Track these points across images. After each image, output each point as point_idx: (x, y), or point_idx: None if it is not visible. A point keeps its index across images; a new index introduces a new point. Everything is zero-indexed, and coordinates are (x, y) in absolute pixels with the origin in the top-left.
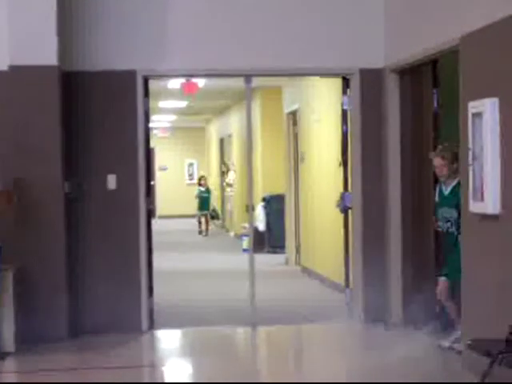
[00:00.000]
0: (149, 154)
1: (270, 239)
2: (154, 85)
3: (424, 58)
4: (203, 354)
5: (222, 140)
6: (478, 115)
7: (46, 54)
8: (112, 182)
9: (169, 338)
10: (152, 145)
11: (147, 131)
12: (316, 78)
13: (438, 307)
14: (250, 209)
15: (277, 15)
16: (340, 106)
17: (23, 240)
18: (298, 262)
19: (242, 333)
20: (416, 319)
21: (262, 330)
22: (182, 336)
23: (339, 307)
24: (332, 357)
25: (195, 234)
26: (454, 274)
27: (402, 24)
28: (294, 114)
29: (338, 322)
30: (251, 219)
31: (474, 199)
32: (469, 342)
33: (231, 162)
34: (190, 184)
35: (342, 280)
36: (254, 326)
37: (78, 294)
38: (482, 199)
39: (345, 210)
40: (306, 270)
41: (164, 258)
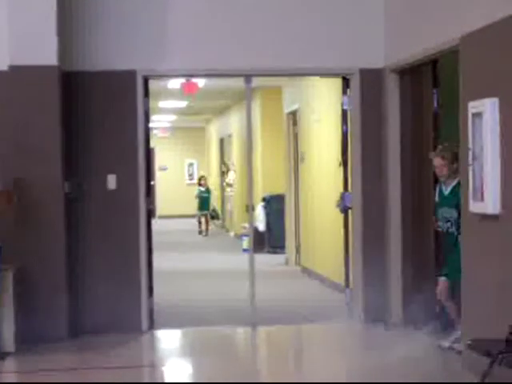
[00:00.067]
0: (149, 154)
1: (270, 239)
2: (154, 85)
3: (424, 58)
4: (203, 354)
5: (222, 140)
6: (478, 115)
7: (46, 54)
8: (112, 182)
9: (169, 338)
10: (152, 145)
11: (147, 131)
12: (316, 78)
13: (438, 307)
14: (250, 209)
15: (277, 15)
16: (340, 106)
17: (23, 240)
18: (297, 262)
19: (241, 333)
20: (416, 319)
21: (262, 330)
22: (181, 336)
23: (339, 307)
24: (332, 357)
25: (195, 233)
26: (454, 274)
27: (402, 24)
28: (294, 114)
29: (338, 322)
30: (251, 219)
31: (474, 199)
32: (469, 342)
33: (231, 162)
34: (190, 184)
35: (342, 280)
36: (253, 326)
37: (78, 293)
38: (482, 199)
39: (345, 210)
40: (305, 270)
41: (164, 258)
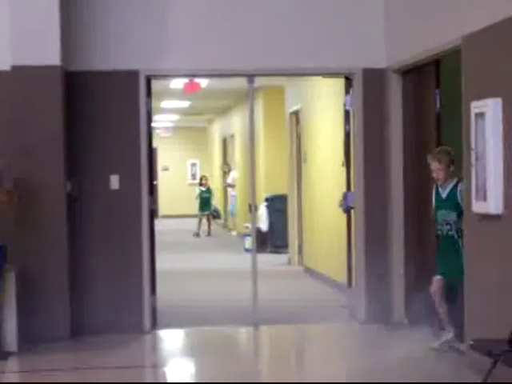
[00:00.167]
0: (151, 153)
1: (272, 239)
2: (156, 85)
3: (426, 58)
4: (205, 354)
5: (224, 140)
6: (480, 115)
7: (49, 54)
8: (115, 182)
9: (171, 338)
10: (155, 145)
11: (150, 131)
12: (319, 78)
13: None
14: (252, 209)
15: (279, 15)
16: (342, 106)
17: (25, 240)
18: (300, 261)
19: (244, 333)
20: (418, 319)
21: (265, 329)
22: (184, 336)
23: (341, 307)
24: (334, 357)
25: (200, 232)
26: (452, 275)
27: (404, 24)
28: (296, 114)
29: (341, 322)
30: (254, 219)
31: (477, 199)
32: (471, 342)
33: (233, 162)
34: (193, 184)
35: (344, 280)
36: (256, 325)
37: (81, 293)
38: (485, 199)
39: (347, 210)
40: (308, 270)
41: (166, 257)
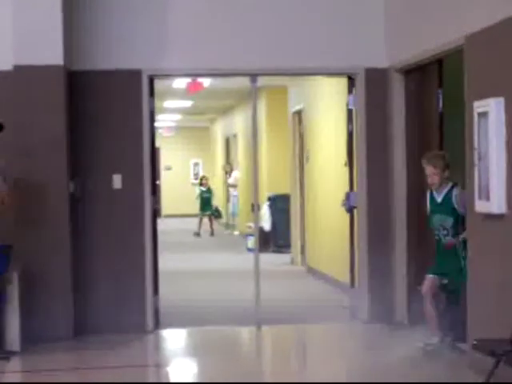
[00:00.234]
0: (154, 153)
1: (275, 239)
2: (159, 84)
3: (429, 58)
4: (208, 353)
5: (227, 140)
6: (483, 115)
7: (52, 54)
8: (117, 181)
9: (173, 338)
10: (157, 144)
11: (152, 131)
12: (321, 78)
13: (442, 306)
14: (255, 208)
15: (282, 15)
16: (345, 105)
17: (28, 240)
18: (303, 261)
19: (246, 332)
20: (420, 319)
21: (267, 329)
22: (186, 336)
23: (344, 307)
24: (337, 357)
25: (201, 232)
26: (451, 277)
27: (407, 24)
28: (299, 114)
29: (343, 322)
30: (257, 219)
31: (480, 199)
32: (474, 342)
33: (236, 162)
34: (195, 183)
35: (347, 279)
36: (258, 325)
37: (83, 293)
38: (488, 199)
39: (350, 210)
40: (311, 270)
41: (169, 257)
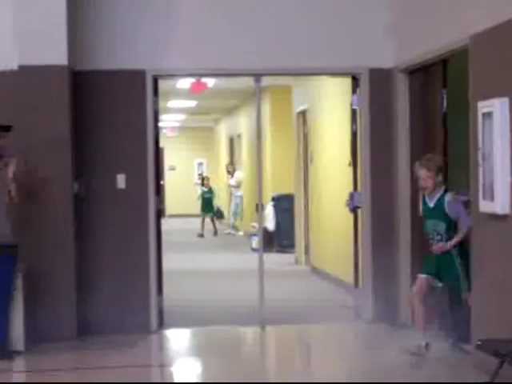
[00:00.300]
0: (158, 153)
1: (279, 239)
2: (163, 84)
3: (433, 58)
4: (212, 353)
5: (231, 139)
6: (487, 115)
7: (56, 54)
8: (121, 181)
9: (177, 338)
10: (161, 144)
11: (156, 131)
12: (325, 78)
13: (446, 307)
14: (259, 208)
15: (287, 14)
16: (349, 105)
17: (32, 240)
18: (307, 261)
19: (250, 332)
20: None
21: (271, 329)
22: (190, 336)
23: (348, 307)
24: (341, 357)
25: (204, 233)
26: (437, 275)
27: (411, 24)
28: (303, 114)
29: (347, 322)
30: (261, 219)
31: (484, 199)
32: (478, 342)
33: (240, 162)
34: (198, 183)
35: (351, 280)
36: (262, 325)
37: (87, 293)
38: (492, 199)
39: (354, 210)
40: (315, 270)
41: (173, 257)
